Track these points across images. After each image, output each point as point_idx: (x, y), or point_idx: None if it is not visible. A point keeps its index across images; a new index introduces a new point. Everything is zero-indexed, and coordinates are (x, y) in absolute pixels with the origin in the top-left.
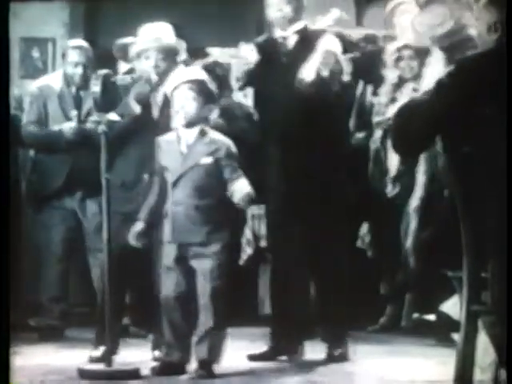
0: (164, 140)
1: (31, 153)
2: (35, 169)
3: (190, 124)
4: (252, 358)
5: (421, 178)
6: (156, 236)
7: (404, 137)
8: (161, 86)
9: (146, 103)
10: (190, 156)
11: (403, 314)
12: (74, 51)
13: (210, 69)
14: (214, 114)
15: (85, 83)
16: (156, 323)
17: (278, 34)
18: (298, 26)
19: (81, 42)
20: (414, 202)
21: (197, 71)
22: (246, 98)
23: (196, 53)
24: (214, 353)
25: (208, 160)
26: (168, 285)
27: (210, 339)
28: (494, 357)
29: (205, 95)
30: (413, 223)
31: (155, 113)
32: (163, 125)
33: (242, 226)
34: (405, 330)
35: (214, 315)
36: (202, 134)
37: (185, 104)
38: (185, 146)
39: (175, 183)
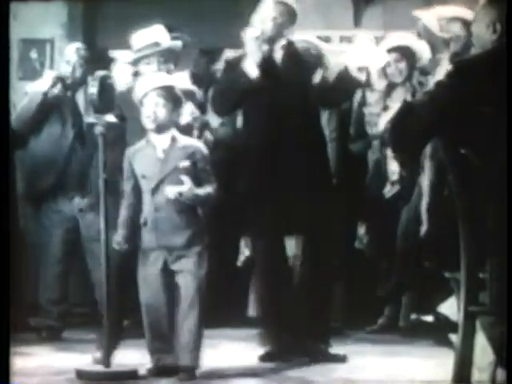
0: (135, 149)
1: (24, 154)
2: (29, 166)
3: (160, 129)
4: (263, 358)
5: (426, 180)
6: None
7: (403, 137)
8: None
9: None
10: (168, 161)
11: (401, 314)
12: (69, 50)
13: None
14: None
15: (77, 83)
16: None
17: (263, 47)
18: (283, 40)
19: (78, 44)
20: (422, 205)
21: (165, 77)
22: None
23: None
24: (196, 357)
25: (186, 163)
26: (149, 294)
27: (192, 345)
28: (492, 357)
29: (173, 101)
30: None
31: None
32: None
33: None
34: (403, 331)
35: (198, 317)
36: (174, 138)
37: (155, 110)
38: (161, 151)
39: (155, 189)
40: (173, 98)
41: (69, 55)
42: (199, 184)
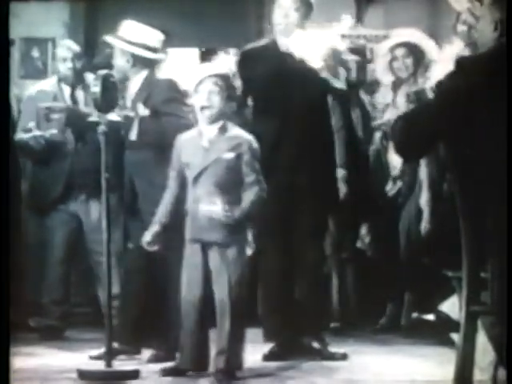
0: (185, 137)
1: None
2: (34, 177)
3: (213, 119)
4: (266, 357)
5: (425, 177)
6: (176, 236)
7: (407, 141)
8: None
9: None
10: (212, 150)
11: (403, 313)
12: (59, 48)
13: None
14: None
15: (78, 80)
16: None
17: (281, 40)
18: (302, 32)
19: (66, 41)
20: (422, 201)
21: (221, 66)
22: None
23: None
24: (233, 360)
25: (230, 155)
26: (187, 287)
27: (229, 348)
28: (493, 357)
29: (229, 91)
30: (422, 220)
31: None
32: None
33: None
34: (404, 330)
35: (231, 322)
36: (224, 129)
37: (209, 98)
38: (206, 140)
39: (196, 178)
40: (227, 88)
41: (62, 53)
42: (241, 179)
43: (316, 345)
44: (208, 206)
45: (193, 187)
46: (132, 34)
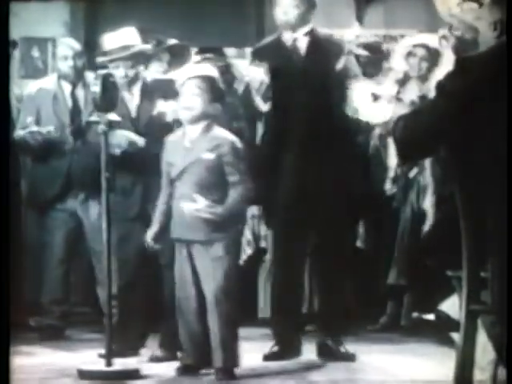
0: (171, 138)
1: (28, 159)
2: (33, 175)
3: (194, 120)
4: (267, 357)
5: (429, 180)
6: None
7: (409, 141)
8: (129, 93)
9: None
10: (193, 150)
11: (403, 313)
12: (60, 46)
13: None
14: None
15: (79, 79)
16: (166, 322)
17: (287, 36)
18: (306, 28)
19: (67, 39)
20: (427, 201)
21: (206, 67)
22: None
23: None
24: (229, 358)
25: (210, 156)
26: (180, 287)
27: (222, 346)
28: (493, 356)
29: (212, 92)
30: (426, 221)
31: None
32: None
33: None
34: (404, 330)
35: (220, 320)
36: (207, 129)
37: (190, 100)
38: (188, 140)
39: (178, 177)
40: (211, 90)
41: (63, 51)
42: (225, 179)
43: (330, 343)
44: (190, 204)
45: (175, 186)
46: (112, 43)
